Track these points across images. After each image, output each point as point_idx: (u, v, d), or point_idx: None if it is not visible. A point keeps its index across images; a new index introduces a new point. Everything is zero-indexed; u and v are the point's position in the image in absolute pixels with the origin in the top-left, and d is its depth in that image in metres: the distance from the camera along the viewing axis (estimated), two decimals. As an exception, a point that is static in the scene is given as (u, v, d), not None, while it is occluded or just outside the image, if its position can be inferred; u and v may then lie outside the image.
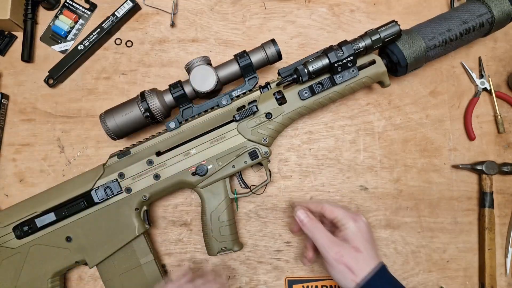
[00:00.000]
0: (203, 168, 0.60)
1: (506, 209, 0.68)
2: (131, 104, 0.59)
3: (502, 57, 0.71)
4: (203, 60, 0.60)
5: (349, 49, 0.58)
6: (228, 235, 0.61)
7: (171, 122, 0.61)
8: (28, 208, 0.60)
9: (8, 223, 0.59)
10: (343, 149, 0.69)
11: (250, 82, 0.62)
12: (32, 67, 0.71)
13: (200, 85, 0.59)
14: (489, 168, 0.66)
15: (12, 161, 0.69)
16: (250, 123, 0.61)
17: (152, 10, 0.72)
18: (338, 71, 0.60)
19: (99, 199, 0.59)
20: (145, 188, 0.60)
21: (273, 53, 0.60)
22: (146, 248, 0.61)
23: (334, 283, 0.66)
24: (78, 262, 0.60)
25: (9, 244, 0.59)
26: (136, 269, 0.61)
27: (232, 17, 0.72)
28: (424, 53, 0.61)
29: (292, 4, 0.72)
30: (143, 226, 0.61)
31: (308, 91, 0.61)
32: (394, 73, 0.64)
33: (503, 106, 0.70)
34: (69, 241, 0.59)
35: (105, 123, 0.59)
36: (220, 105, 0.61)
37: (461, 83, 0.71)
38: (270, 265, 0.67)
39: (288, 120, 0.62)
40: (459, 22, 0.61)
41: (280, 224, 0.68)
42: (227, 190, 0.62)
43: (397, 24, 0.59)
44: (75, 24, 0.72)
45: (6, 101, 0.70)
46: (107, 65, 0.71)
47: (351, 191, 0.68)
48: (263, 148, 0.61)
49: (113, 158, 0.61)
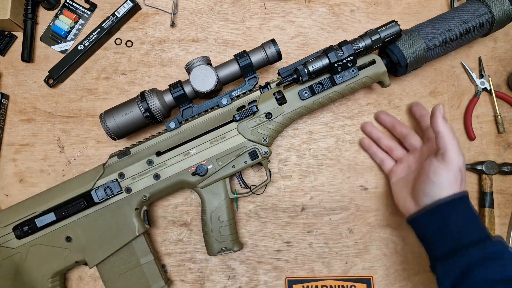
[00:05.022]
0: (203, 168, 0.60)
1: (506, 209, 0.68)
2: (131, 104, 0.59)
3: (502, 57, 0.71)
4: (203, 60, 0.60)
5: (349, 49, 0.58)
6: (228, 235, 0.61)
7: (171, 122, 0.61)
8: (28, 208, 0.60)
9: (8, 223, 0.59)
10: (343, 149, 0.69)
11: (250, 82, 0.62)
12: (32, 67, 0.71)
13: (200, 85, 0.59)
14: (489, 168, 0.66)
15: (12, 161, 0.69)
16: (250, 123, 0.61)
17: (152, 10, 0.72)
18: (338, 71, 0.59)
19: (99, 199, 0.59)
20: (145, 188, 0.60)
21: (273, 53, 0.60)
22: (146, 248, 0.61)
23: (334, 283, 0.66)
24: (78, 262, 0.60)
25: (9, 244, 0.59)
26: (136, 269, 0.61)
27: (232, 17, 0.72)
28: (424, 53, 0.61)
29: (292, 4, 0.72)
30: (143, 226, 0.61)
31: (308, 91, 0.61)
32: (394, 73, 0.64)
33: (503, 106, 0.70)
34: (69, 241, 0.60)
35: (105, 123, 0.59)
36: (220, 105, 0.61)
37: (461, 83, 0.71)
38: (270, 265, 0.67)
39: (288, 120, 0.62)
40: (459, 22, 0.61)
41: (280, 224, 0.68)
42: (227, 190, 0.62)
43: (397, 24, 0.59)
44: (75, 24, 0.72)
45: (6, 101, 0.70)
46: (107, 65, 0.71)
47: (351, 191, 0.68)
48: (263, 148, 0.61)
49: (113, 158, 0.61)
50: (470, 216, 0.53)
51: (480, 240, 0.50)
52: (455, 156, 0.52)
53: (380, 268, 0.67)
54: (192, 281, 0.67)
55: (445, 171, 0.53)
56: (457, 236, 0.52)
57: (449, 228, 0.52)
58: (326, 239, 0.68)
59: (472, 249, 0.50)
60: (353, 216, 0.68)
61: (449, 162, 0.52)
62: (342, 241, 0.68)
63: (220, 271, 0.67)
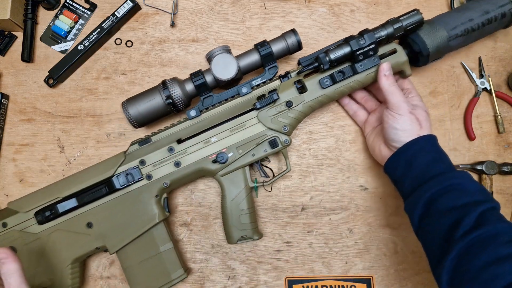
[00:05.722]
0: (223, 156, 0.60)
1: (506, 209, 0.68)
2: (153, 92, 0.60)
3: (502, 57, 0.71)
4: (224, 49, 0.60)
5: (371, 37, 0.58)
6: (248, 223, 0.61)
7: (192, 111, 0.61)
8: (50, 193, 0.60)
9: (29, 209, 0.59)
10: (343, 149, 0.69)
11: (270, 71, 0.62)
12: (32, 67, 0.71)
13: (221, 73, 0.60)
14: (489, 168, 0.66)
15: (12, 161, 0.69)
16: (270, 111, 0.61)
17: (152, 10, 0.72)
18: (359, 59, 0.59)
19: (120, 186, 0.59)
20: (165, 175, 0.60)
21: (294, 43, 0.61)
22: (166, 236, 0.61)
23: (334, 283, 0.66)
24: (99, 248, 0.60)
25: (31, 229, 0.59)
26: (156, 257, 0.61)
27: (232, 17, 0.72)
28: (446, 42, 0.61)
29: (292, 4, 0.72)
30: (163, 213, 0.61)
31: (329, 79, 0.61)
32: (415, 63, 0.64)
33: (503, 106, 0.70)
34: (90, 227, 0.60)
35: (127, 111, 0.60)
36: (241, 93, 0.62)
37: (461, 83, 0.71)
38: (270, 265, 0.67)
39: (309, 108, 0.62)
40: (481, 12, 0.61)
41: (280, 224, 0.68)
42: (246, 179, 0.62)
43: (419, 13, 0.59)
44: (75, 24, 0.72)
45: (6, 101, 0.70)
46: (107, 65, 0.71)
47: (351, 191, 0.68)
48: (283, 136, 0.62)
49: (134, 146, 0.62)
50: (434, 154, 0.56)
51: (440, 174, 0.53)
52: (399, 102, 0.57)
53: (380, 268, 0.67)
54: (192, 281, 0.67)
55: (399, 117, 0.57)
56: (420, 172, 0.55)
57: (412, 165, 0.56)
58: (326, 239, 0.68)
59: (433, 182, 0.53)
60: (353, 216, 0.68)
61: (397, 108, 0.57)
62: (342, 241, 0.68)
63: (220, 271, 0.67)
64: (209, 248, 0.68)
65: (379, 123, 0.65)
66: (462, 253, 0.46)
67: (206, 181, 0.69)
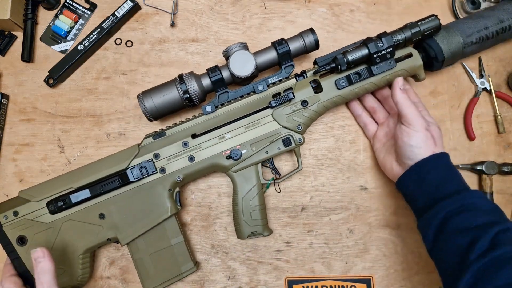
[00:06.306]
0: (237, 152, 0.61)
1: (506, 209, 0.68)
2: (169, 86, 0.60)
3: (502, 57, 0.71)
4: (241, 46, 0.61)
5: (389, 41, 0.59)
6: (259, 219, 0.62)
7: (207, 106, 0.61)
8: (63, 183, 0.60)
9: (41, 198, 0.59)
10: (343, 149, 0.69)
11: (286, 70, 0.62)
12: (32, 67, 0.71)
13: (239, 70, 0.60)
14: (489, 168, 0.66)
15: (12, 161, 0.69)
16: (285, 110, 0.62)
17: (152, 10, 0.72)
18: (376, 62, 0.60)
19: (134, 178, 0.60)
20: (179, 169, 0.61)
21: (311, 42, 0.61)
22: (177, 229, 0.62)
23: (334, 283, 0.66)
24: (110, 239, 0.61)
25: (42, 219, 0.59)
26: (167, 250, 0.61)
27: (232, 17, 0.72)
28: (461, 49, 0.61)
29: (292, 4, 0.72)
30: (175, 207, 0.61)
31: (345, 80, 0.61)
32: (429, 68, 0.64)
33: (503, 106, 0.70)
34: (102, 218, 0.60)
35: (143, 103, 0.60)
36: (256, 91, 0.62)
37: (461, 83, 0.71)
38: (270, 265, 0.67)
39: (323, 108, 0.62)
40: (496, 21, 0.62)
41: (280, 224, 0.68)
42: (259, 176, 0.63)
43: (437, 18, 0.59)
44: (75, 24, 0.72)
45: (6, 101, 0.70)
46: (107, 65, 0.71)
47: (351, 191, 0.68)
48: (297, 135, 0.62)
49: (148, 139, 0.62)
50: (447, 172, 0.56)
51: (455, 193, 0.53)
52: (415, 118, 0.57)
53: (380, 268, 0.67)
54: (192, 281, 0.67)
55: (414, 133, 0.57)
56: (433, 190, 0.55)
57: (425, 183, 0.56)
58: (326, 239, 0.68)
59: (447, 201, 0.53)
60: (353, 216, 0.68)
61: (413, 124, 0.57)
62: (342, 241, 0.68)
63: (220, 271, 0.67)
64: (209, 248, 0.68)
65: (387, 139, 0.65)
66: (478, 275, 0.46)
67: (206, 181, 0.69)
